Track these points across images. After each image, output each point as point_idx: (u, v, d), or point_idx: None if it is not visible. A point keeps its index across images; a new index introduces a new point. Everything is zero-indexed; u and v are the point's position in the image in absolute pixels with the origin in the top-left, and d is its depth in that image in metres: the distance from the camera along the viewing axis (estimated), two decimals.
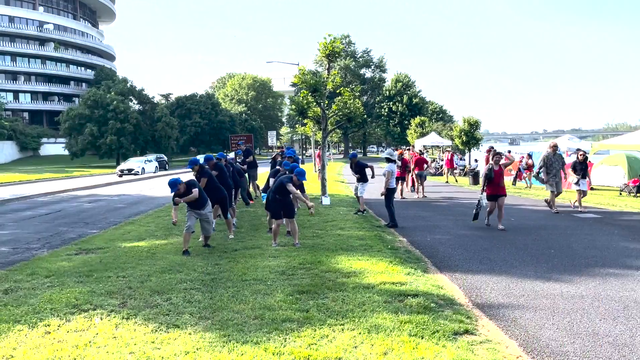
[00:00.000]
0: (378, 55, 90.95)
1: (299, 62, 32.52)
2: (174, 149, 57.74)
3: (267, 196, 9.13)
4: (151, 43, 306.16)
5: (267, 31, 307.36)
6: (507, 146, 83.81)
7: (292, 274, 6.63)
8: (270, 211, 8.84)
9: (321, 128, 15.62)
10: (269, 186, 10.21)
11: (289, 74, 69.42)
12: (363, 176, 13.04)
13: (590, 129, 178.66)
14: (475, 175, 23.51)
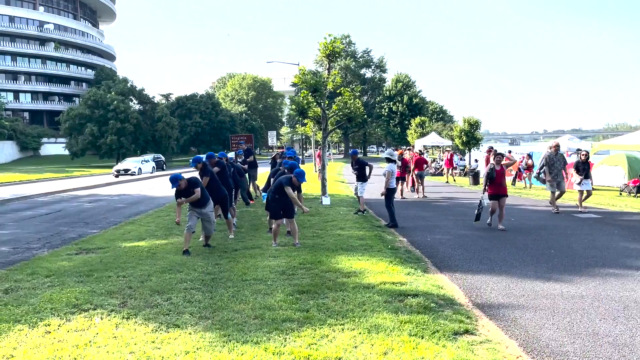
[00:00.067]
0: (378, 55, 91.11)
1: (299, 62, 32.56)
2: (174, 149, 57.78)
3: (267, 196, 9.13)
4: (151, 43, 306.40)
5: (267, 31, 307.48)
6: (507, 146, 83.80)
7: (292, 274, 6.64)
8: (270, 211, 8.86)
9: (321, 128, 15.62)
10: (270, 185, 10.19)
11: (289, 74, 69.43)
12: (363, 175, 13.06)
13: (591, 129, 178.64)
14: (475, 176, 23.50)
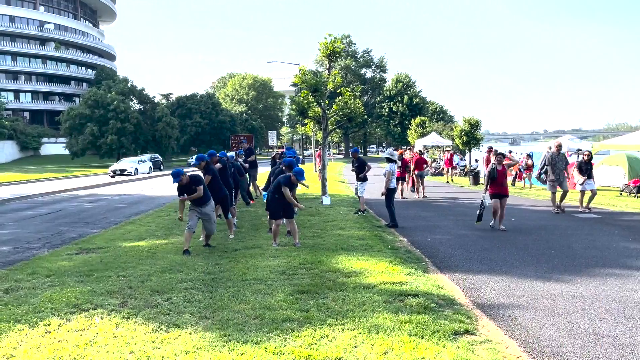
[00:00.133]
0: (378, 55, 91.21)
1: (299, 62, 32.60)
2: (174, 148, 57.84)
3: (267, 196, 9.13)
4: (152, 43, 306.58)
5: (268, 31, 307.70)
6: (507, 146, 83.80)
7: (293, 274, 6.63)
8: (269, 211, 8.85)
9: (322, 128, 15.62)
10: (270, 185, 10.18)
11: (289, 74, 69.46)
12: (363, 175, 13.07)
13: (591, 129, 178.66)
14: (475, 176, 23.50)
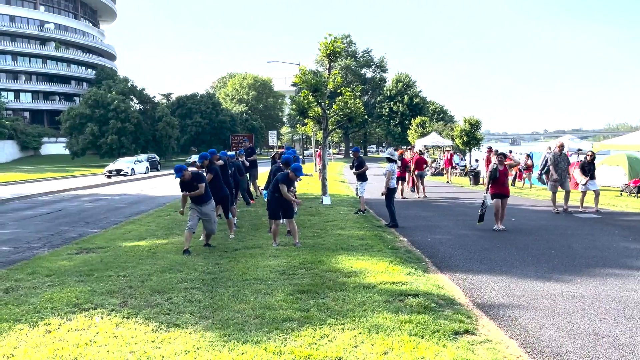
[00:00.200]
0: (379, 55, 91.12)
1: (299, 62, 32.60)
2: (174, 148, 57.80)
3: (267, 195, 9.13)
4: (152, 43, 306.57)
5: (268, 31, 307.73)
6: (507, 146, 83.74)
7: (293, 274, 6.64)
8: (269, 211, 8.84)
9: (322, 128, 15.63)
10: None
11: (289, 74, 69.38)
12: (363, 175, 13.08)
13: (591, 129, 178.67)
14: (475, 176, 23.49)
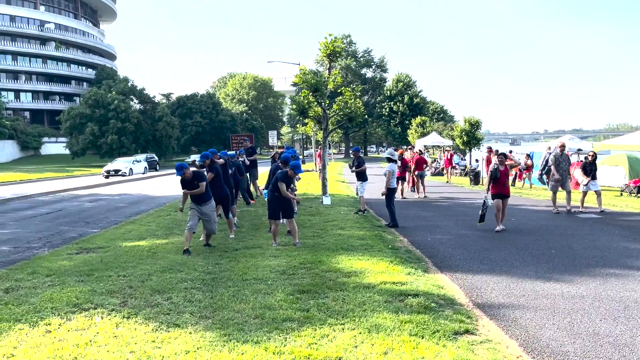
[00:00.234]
0: (379, 55, 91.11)
1: (300, 62, 32.59)
2: (174, 148, 57.82)
3: (267, 195, 9.13)
4: (152, 42, 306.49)
5: (268, 31, 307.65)
6: (508, 146, 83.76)
7: (293, 274, 6.64)
8: (269, 210, 8.83)
9: (322, 128, 15.63)
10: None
11: (290, 74, 69.34)
12: (363, 175, 13.08)
13: (592, 129, 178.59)
14: (475, 176, 23.48)
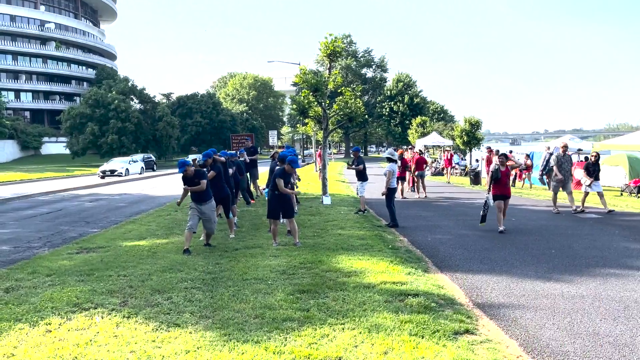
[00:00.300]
0: (379, 55, 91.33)
1: (300, 62, 32.58)
2: (175, 148, 57.81)
3: (267, 194, 9.14)
4: (152, 42, 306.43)
5: (268, 31, 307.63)
6: (508, 146, 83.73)
7: (293, 274, 6.64)
8: (268, 210, 8.82)
9: (322, 128, 15.63)
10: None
11: (290, 74, 69.29)
12: (363, 175, 13.09)
13: (592, 129, 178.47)
14: (476, 176, 23.48)
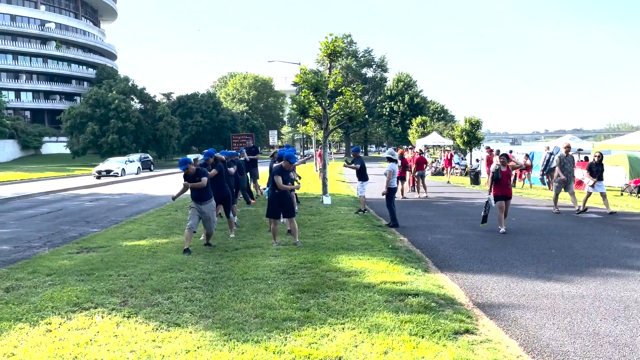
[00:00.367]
0: (379, 54, 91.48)
1: (300, 62, 32.57)
2: (175, 148, 57.85)
3: (268, 193, 9.14)
4: (152, 42, 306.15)
5: (268, 30, 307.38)
6: (508, 146, 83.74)
7: (293, 273, 6.64)
8: (269, 209, 8.81)
9: (322, 127, 15.63)
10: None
11: (290, 74, 69.39)
12: (363, 175, 13.08)
13: (592, 129, 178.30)
14: (476, 175, 23.48)
